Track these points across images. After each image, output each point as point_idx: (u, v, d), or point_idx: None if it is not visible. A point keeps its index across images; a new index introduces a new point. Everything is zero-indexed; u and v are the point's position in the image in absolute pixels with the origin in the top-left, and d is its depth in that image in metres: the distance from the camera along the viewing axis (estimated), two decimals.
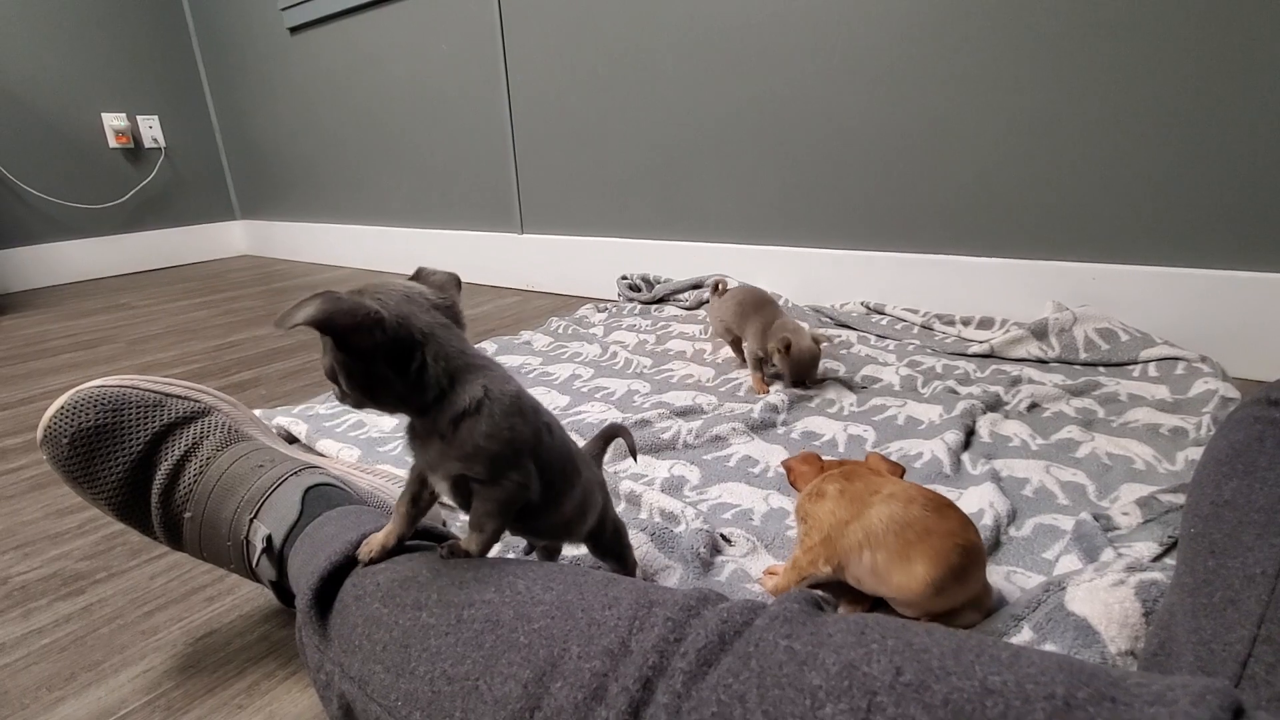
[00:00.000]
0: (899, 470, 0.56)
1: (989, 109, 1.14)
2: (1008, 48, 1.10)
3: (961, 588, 0.47)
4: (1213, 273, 1.02)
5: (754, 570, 0.59)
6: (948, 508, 0.48)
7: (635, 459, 0.62)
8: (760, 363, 1.02)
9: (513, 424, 0.40)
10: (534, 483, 0.42)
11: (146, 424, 0.51)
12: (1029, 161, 1.13)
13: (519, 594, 0.35)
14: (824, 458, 0.59)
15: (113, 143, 2.50)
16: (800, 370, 0.98)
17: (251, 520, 0.49)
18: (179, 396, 0.53)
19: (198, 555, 0.52)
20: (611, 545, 0.53)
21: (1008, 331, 1.11)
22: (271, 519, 0.48)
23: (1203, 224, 1.02)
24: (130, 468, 0.50)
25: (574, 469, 0.47)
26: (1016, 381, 0.98)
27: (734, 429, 0.85)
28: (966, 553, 0.46)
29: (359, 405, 0.39)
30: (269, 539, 0.47)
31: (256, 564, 0.48)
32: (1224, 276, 1.01)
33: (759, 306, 1.04)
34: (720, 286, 1.15)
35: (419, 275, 0.43)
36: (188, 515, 0.50)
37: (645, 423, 0.89)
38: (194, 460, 0.51)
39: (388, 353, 0.36)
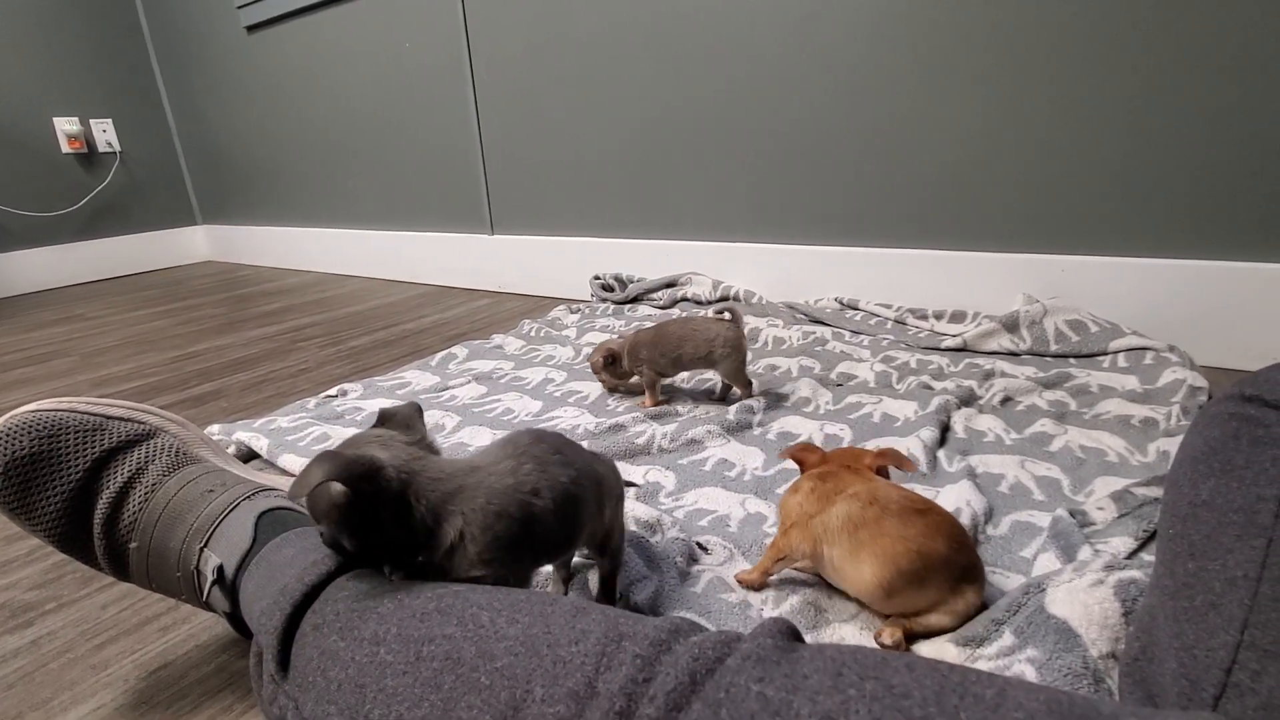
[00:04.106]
0: (890, 459, 0.55)
1: (958, 104, 1.14)
2: (975, 42, 1.10)
3: (918, 592, 0.47)
4: (1178, 262, 1.03)
5: (731, 579, 0.57)
6: (915, 514, 0.47)
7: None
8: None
9: (495, 534, 0.41)
10: (523, 579, 0.44)
11: (86, 450, 0.48)
12: (998, 156, 1.14)
13: (482, 627, 0.33)
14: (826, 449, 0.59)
15: (65, 148, 2.42)
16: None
17: (201, 549, 0.46)
18: (121, 419, 0.50)
19: (146, 586, 0.49)
20: (616, 551, 0.54)
21: (980, 325, 1.11)
22: (223, 548, 0.45)
23: (1168, 215, 1.03)
24: (69, 497, 0.48)
25: (578, 511, 0.46)
26: (989, 375, 0.98)
27: (709, 432, 0.84)
28: (922, 558, 0.46)
29: (364, 558, 0.42)
30: (220, 569, 0.45)
31: (208, 595, 0.46)
32: (1189, 266, 1.02)
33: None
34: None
35: (383, 419, 0.46)
36: (133, 545, 0.48)
37: (619, 427, 0.87)
38: (138, 487, 0.48)
39: (386, 501, 0.40)
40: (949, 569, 0.47)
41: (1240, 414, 0.36)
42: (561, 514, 0.44)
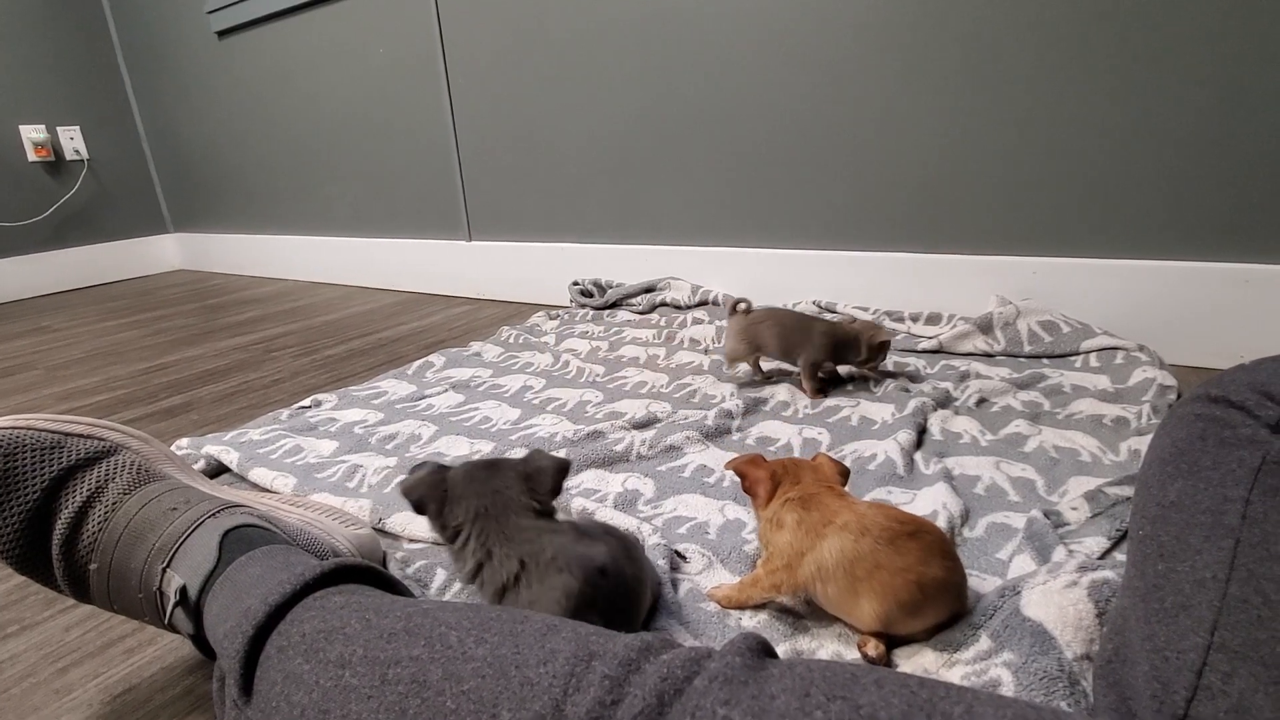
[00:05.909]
0: (844, 473, 0.55)
1: (932, 108, 1.16)
2: (949, 47, 1.12)
3: (916, 619, 0.46)
4: (1147, 263, 1.04)
5: (709, 588, 0.57)
6: (907, 538, 0.46)
7: None
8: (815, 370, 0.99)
9: (555, 599, 0.42)
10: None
11: (43, 469, 0.47)
12: (971, 159, 1.15)
13: (450, 648, 0.32)
14: (770, 459, 0.57)
15: (32, 156, 2.36)
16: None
17: (164, 570, 0.45)
18: (80, 435, 0.49)
19: (108, 608, 0.48)
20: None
21: (955, 327, 1.12)
22: (186, 568, 0.44)
23: (1137, 216, 1.04)
24: (27, 518, 0.46)
25: (636, 597, 0.47)
26: (965, 376, 0.99)
27: (688, 437, 0.84)
28: (920, 588, 0.45)
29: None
30: (183, 590, 0.43)
31: (170, 617, 0.44)
32: (1158, 266, 1.04)
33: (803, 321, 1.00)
34: (740, 306, 1.03)
35: (529, 459, 0.50)
36: (93, 567, 0.46)
37: (598, 434, 0.86)
38: (98, 506, 0.47)
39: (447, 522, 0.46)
40: (946, 592, 0.46)
41: (1206, 415, 0.36)
42: (622, 595, 0.45)
